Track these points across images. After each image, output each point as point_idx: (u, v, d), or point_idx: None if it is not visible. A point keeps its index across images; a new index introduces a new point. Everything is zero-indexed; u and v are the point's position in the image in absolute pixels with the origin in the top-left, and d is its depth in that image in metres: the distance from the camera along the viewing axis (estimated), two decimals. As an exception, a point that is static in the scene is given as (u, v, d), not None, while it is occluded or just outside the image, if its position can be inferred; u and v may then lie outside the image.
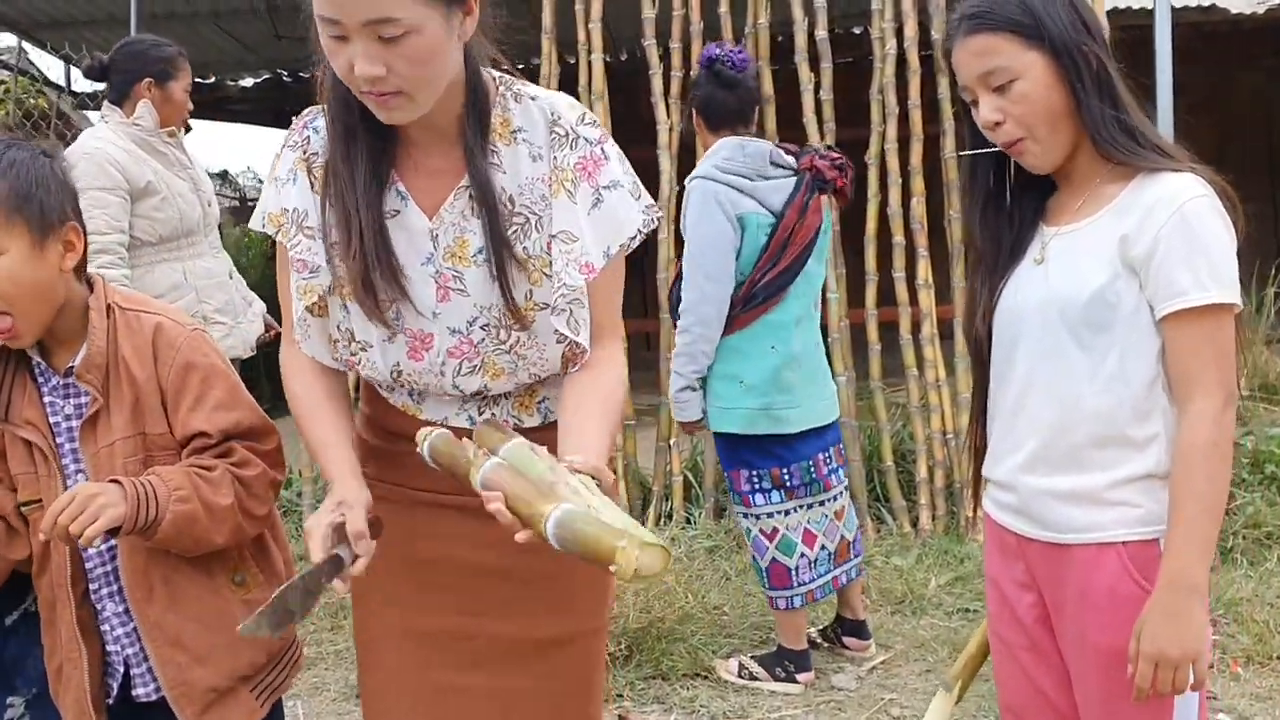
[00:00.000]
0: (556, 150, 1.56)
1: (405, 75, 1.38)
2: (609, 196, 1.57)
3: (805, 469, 3.24)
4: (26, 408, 1.69)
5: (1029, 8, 1.62)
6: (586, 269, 1.54)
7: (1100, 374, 1.62)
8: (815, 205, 3.23)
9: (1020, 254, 1.74)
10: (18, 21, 7.71)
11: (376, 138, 1.51)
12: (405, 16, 1.34)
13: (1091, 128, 1.62)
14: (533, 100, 1.57)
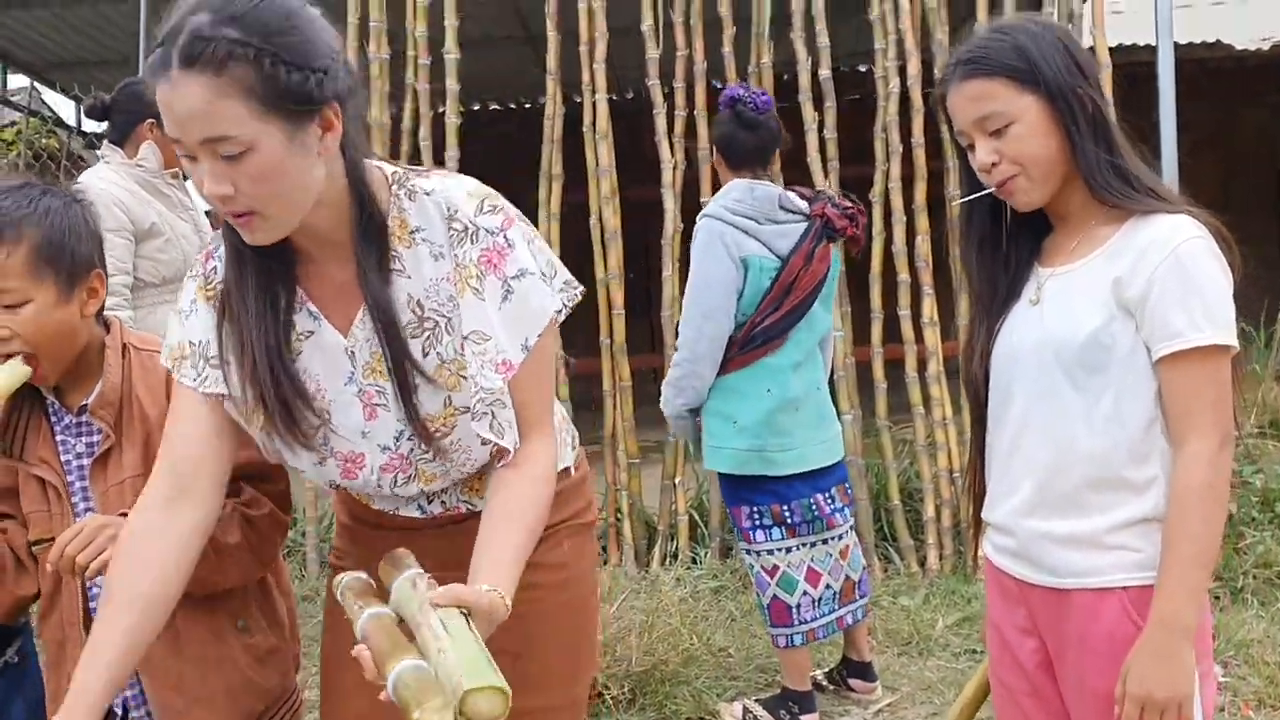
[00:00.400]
0: (457, 247, 1.47)
1: (251, 194, 1.32)
2: (519, 286, 1.48)
3: (806, 506, 3.23)
4: (40, 446, 1.71)
5: (1024, 52, 1.62)
6: (504, 367, 1.47)
7: (1096, 416, 1.61)
8: (823, 253, 3.24)
9: (1016, 295, 1.74)
10: (31, 63, 7.82)
11: (268, 258, 1.45)
12: (240, 134, 1.28)
13: (1086, 171, 1.62)
14: (427, 195, 1.48)
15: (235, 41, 1.26)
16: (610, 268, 4.87)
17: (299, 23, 1.33)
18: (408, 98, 5.00)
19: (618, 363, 4.83)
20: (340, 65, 1.37)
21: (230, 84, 1.27)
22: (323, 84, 1.33)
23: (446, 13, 4.94)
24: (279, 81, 1.29)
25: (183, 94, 1.27)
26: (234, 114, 1.28)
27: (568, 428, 1.76)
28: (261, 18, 1.29)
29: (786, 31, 4.91)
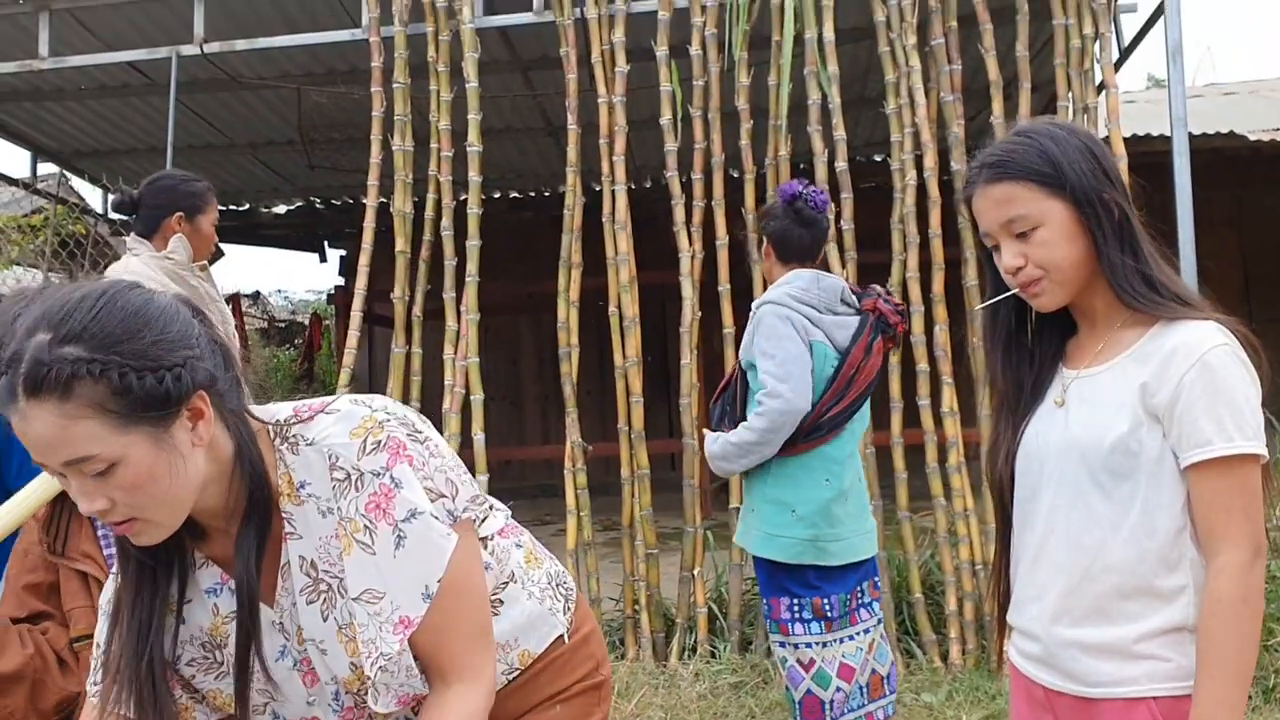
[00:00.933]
0: (341, 498, 1.36)
1: (129, 504, 1.27)
2: (411, 530, 1.35)
3: (843, 600, 3.19)
4: (83, 541, 1.74)
5: (1049, 157, 1.62)
6: (402, 625, 1.35)
7: (1124, 523, 1.58)
8: (878, 347, 3.25)
9: (1041, 395, 1.73)
10: (59, 152, 7.98)
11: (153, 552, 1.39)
12: (102, 451, 1.23)
13: (1112, 277, 1.62)
14: (309, 446, 1.39)
15: (78, 360, 1.20)
16: (628, 355, 4.88)
17: (145, 322, 1.26)
18: (431, 188, 5.08)
19: (636, 450, 4.82)
20: (203, 346, 1.32)
21: (81, 405, 1.21)
22: (180, 379, 1.26)
23: (470, 107, 5.04)
24: (134, 391, 1.22)
25: (34, 424, 1.21)
26: (92, 433, 1.22)
27: (555, 592, 1.68)
28: (103, 328, 1.22)
29: (803, 124, 4.98)
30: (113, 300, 1.25)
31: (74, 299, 1.24)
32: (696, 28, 5.05)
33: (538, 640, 1.63)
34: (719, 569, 4.91)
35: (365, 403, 1.43)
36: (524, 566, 1.64)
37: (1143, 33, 5.73)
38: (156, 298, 1.30)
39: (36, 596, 1.74)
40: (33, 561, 1.75)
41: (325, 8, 5.86)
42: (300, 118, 6.82)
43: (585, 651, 1.70)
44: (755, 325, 3.20)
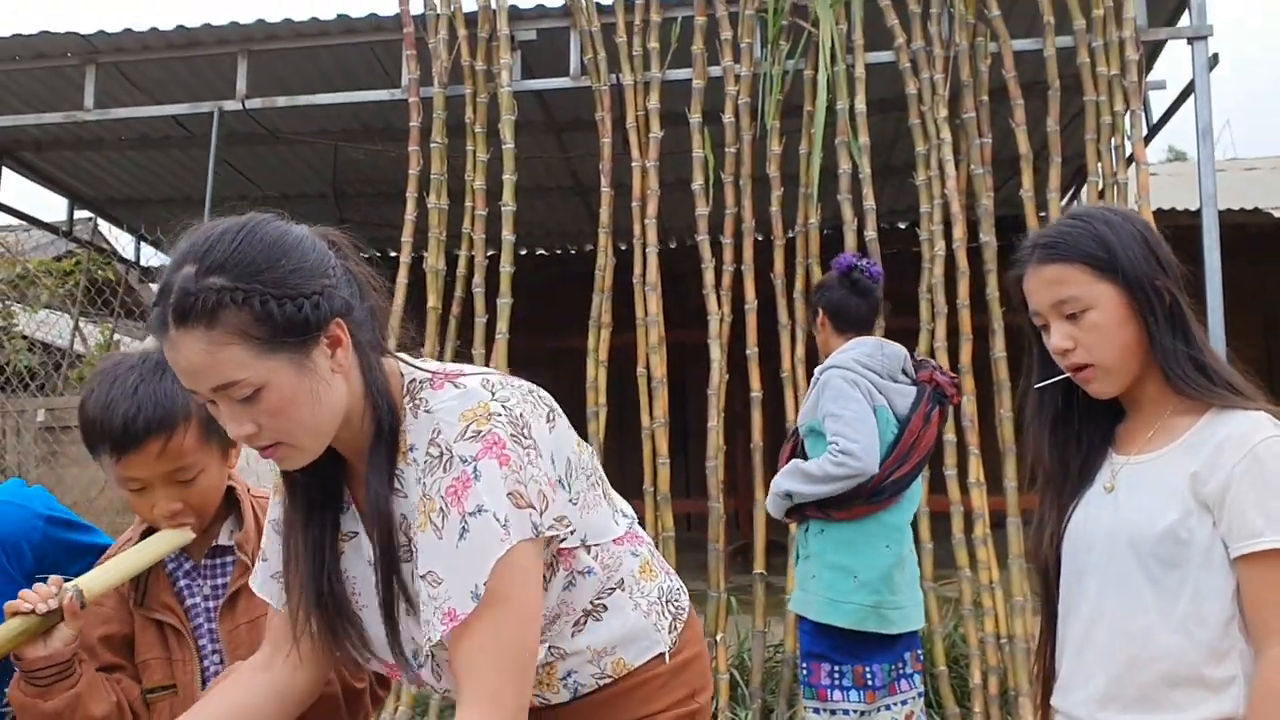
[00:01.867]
0: (428, 474, 1.37)
1: (274, 428, 1.32)
2: (474, 524, 1.33)
3: (887, 670, 3.18)
4: (162, 592, 1.77)
5: (1103, 241, 1.64)
6: (449, 618, 1.33)
7: (1174, 612, 1.58)
8: (935, 417, 3.28)
9: (1089, 479, 1.73)
10: (95, 199, 8.10)
11: (312, 473, 1.45)
12: (247, 376, 1.28)
13: (1164, 363, 1.62)
14: (426, 414, 1.40)
15: (222, 289, 1.26)
16: (656, 415, 4.90)
17: (284, 251, 1.31)
18: (464, 245, 5.14)
19: (661, 512, 4.82)
20: (338, 276, 1.36)
21: (226, 332, 1.26)
22: (319, 306, 1.31)
23: (505, 168, 5.12)
24: (275, 318, 1.28)
25: (184, 352, 1.27)
26: (237, 359, 1.27)
27: (664, 609, 1.62)
28: (245, 258, 1.28)
29: (833, 191, 5.04)
30: (253, 231, 1.31)
31: (216, 232, 1.31)
32: (730, 96, 5.14)
33: (636, 653, 1.58)
34: (740, 635, 4.88)
35: (491, 387, 1.42)
36: (636, 576, 1.59)
37: (1172, 110, 5.80)
38: (293, 228, 1.36)
39: (109, 648, 1.76)
40: (106, 613, 1.76)
41: (363, 67, 5.97)
42: (335, 173, 6.93)
43: (684, 677, 1.63)
44: (820, 389, 3.22)
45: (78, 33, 5.61)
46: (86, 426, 1.70)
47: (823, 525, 3.22)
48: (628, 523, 1.63)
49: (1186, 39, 5.04)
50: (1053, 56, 4.98)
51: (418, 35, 5.35)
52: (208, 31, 5.59)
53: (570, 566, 1.50)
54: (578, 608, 1.52)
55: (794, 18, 5.12)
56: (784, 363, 4.93)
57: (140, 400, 1.65)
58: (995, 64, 5.01)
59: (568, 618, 1.51)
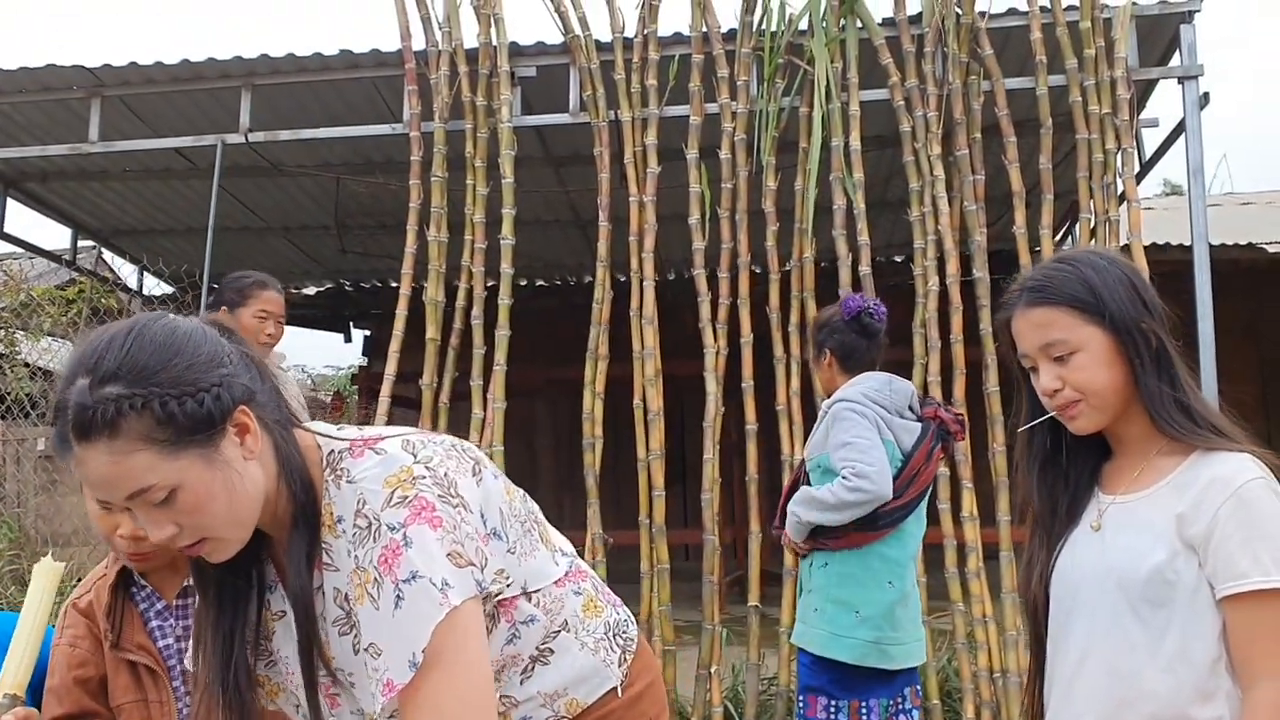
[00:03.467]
0: (359, 546, 1.35)
1: (195, 525, 1.31)
2: (409, 592, 1.31)
3: (884, 706, 3.19)
4: (136, 633, 1.76)
5: (1090, 285, 1.67)
6: (387, 688, 1.31)
7: (1161, 652, 1.60)
8: (938, 455, 3.32)
9: (1076, 518, 1.75)
10: (99, 230, 8.17)
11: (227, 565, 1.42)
12: (159, 480, 1.27)
13: (1149, 404, 1.65)
14: (350, 484, 1.39)
15: (119, 398, 1.24)
16: (652, 448, 4.93)
17: (176, 349, 1.29)
18: (463, 277, 5.20)
19: (656, 544, 4.83)
20: (235, 363, 1.35)
21: (130, 440, 1.25)
22: (220, 398, 1.30)
23: (505, 202, 5.18)
24: (177, 418, 1.26)
25: (91, 466, 1.26)
26: (145, 465, 1.26)
27: (612, 642, 1.64)
28: (137, 362, 1.26)
29: (827, 226, 5.09)
30: (141, 334, 1.29)
31: (104, 341, 1.29)
32: (726, 133, 5.20)
33: (587, 691, 1.59)
34: (735, 668, 4.89)
35: (413, 449, 1.42)
36: (580, 615, 1.60)
37: (1164, 148, 5.87)
38: (182, 324, 1.33)
39: (86, 691, 1.74)
40: (81, 655, 1.75)
41: (364, 101, 6.05)
42: (337, 205, 6.99)
43: (640, 707, 1.65)
44: (829, 422, 3.24)
45: (84, 66, 5.68)
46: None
47: (825, 559, 3.24)
48: (568, 561, 1.63)
49: (1177, 79, 5.11)
50: (1045, 95, 5.06)
51: (419, 71, 5.42)
52: (211, 66, 5.66)
53: (512, 618, 1.50)
54: (524, 655, 1.53)
55: (790, 56, 5.19)
56: (779, 396, 4.97)
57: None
58: (988, 102, 5.08)
59: (515, 667, 1.52)
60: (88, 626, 1.78)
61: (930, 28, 5.09)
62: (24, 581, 5.52)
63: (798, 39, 5.21)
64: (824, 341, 3.45)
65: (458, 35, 5.39)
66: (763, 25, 5.23)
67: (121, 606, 1.78)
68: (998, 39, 5.19)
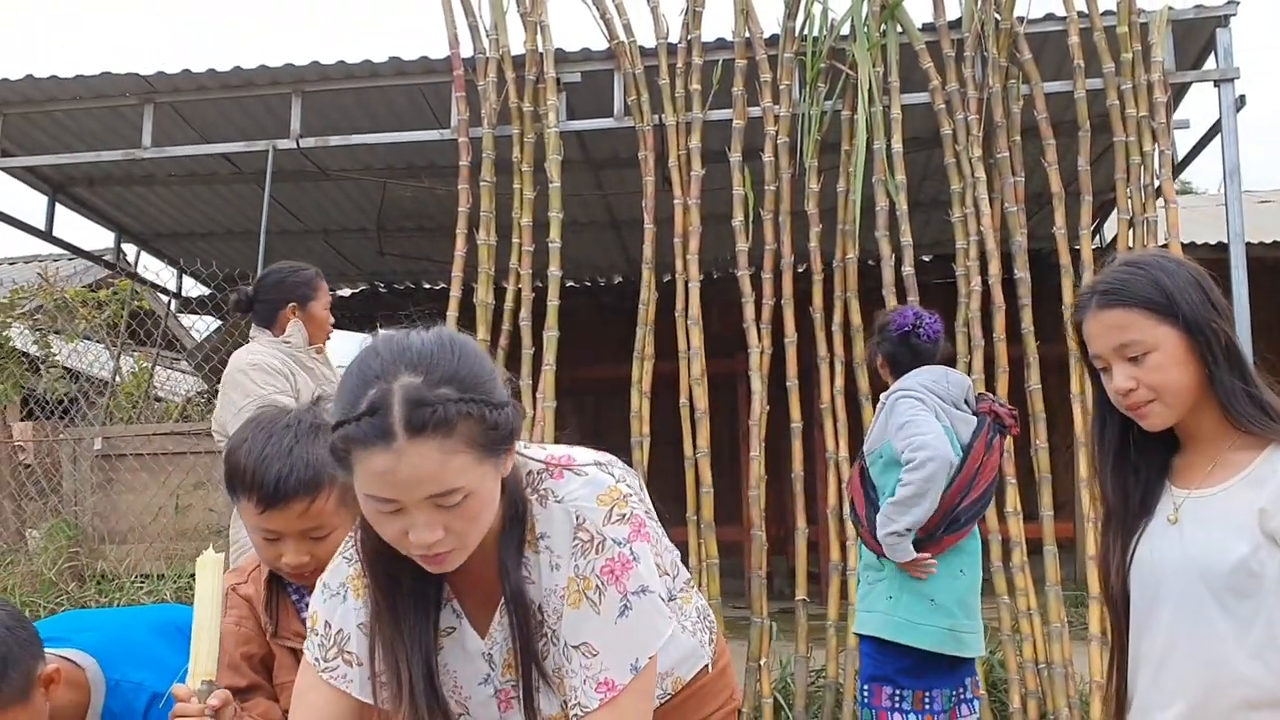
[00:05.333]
0: (579, 557, 1.45)
1: (460, 531, 1.37)
2: (638, 603, 1.44)
3: (948, 697, 3.28)
4: (292, 621, 1.89)
5: (1162, 287, 1.75)
6: (605, 686, 1.42)
7: (1249, 640, 1.67)
8: (998, 444, 3.42)
9: (1149, 510, 1.82)
10: (141, 233, 8.29)
11: (423, 582, 1.50)
12: (466, 483, 1.33)
13: (1226, 400, 1.73)
14: (558, 504, 1.49)
15: (459, 400, 1.30)
16: (699, 445, 5.03)
17: (487, 365, 1.39)
18: (511, 280, 5.31)
19: (705, 539, 4.94)
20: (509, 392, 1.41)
21: (459, 441, 1.31)
22: (513, 416, 1.38)
23: (551, 205, 5.29)
24: (497, 427, 1.34)
25: (413, 460, 1.29)
26: (462, 467, 1.32)
27: (700, 625, 1.77)
28: (467, 372, 1.34)
29: (870, 227, 5.19)
30: (463, 346, 1.38)
31: (429, 346, 1.35)
32: (769, 135, 5.30)
33: (688, 669, 1.72)
34: (783, 660, 5.00)
35: (608, 468, 1.53)
36: (679, 603, 1.71)
37: (1197, 149, 5.95)
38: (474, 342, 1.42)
39: (250, 666, 1.88)
40: (246, 634, 1.89)
41: (408, 106, 6.16)
42: (381, 208, 7.10)
43: (724, 681, 1.82)
44: (887, 413, 3.35)
45: (138, 74, 5.81)
46: (235, 473, 1.77)
47: None
48: (675, 554, 1.75)
49: (1213, 81, 5.21)
50: (1083, 98, 5.15)
51: (467, 78, 5.54)
52: (263, 73, 5.79)
53: None
54: None
55: (832, 60, 5.29)
56: (823, 394, 5.07)
57: (294, 461, 1.74)
58: (1027, 105, 5.18)
59: None
60: (249, 609, 1.91)
61: (970, 32, 5.19)
62: (83, 577, 5.65)
63: (839, 44, 5.31)
64: (878, 345, 3.58)
65: (505, 42, 5.50)
66: (805, 30, 5.34)
67: (277, 599, 1.91)
68: (1036, 43, 5.29)
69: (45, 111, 6.17)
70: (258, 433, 1.79)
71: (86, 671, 1.81)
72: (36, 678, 1.68)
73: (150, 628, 1.99)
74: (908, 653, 3.25)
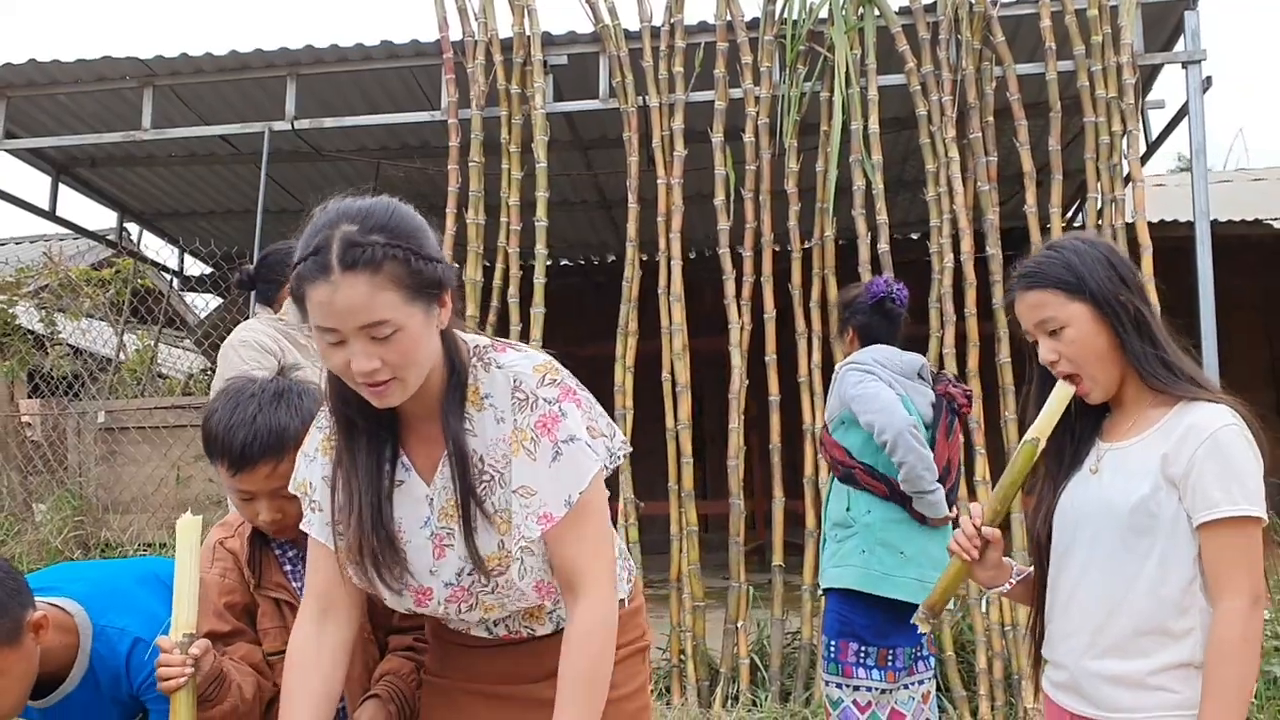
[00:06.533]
0: (517, 413, 1.70)
1: (395, 365, 1.59)
2: (567, 450, 1.69)
3: (909, 654, 3.43)
4: (274, 574, 2.07)
5: (1072, 268, 1.96)
6: (545, 519, 1.68)
7: (1143, 574, 1.88)
8: (958, 429, 3.56)
9: (1078, 464, 2.03)
10: (143, 213, 8.46)
11: (375, 424, 1.73)
12: (393, 318, 1.55)
13: (1135, 363, 1.94)
14: (499, 369, 1.72)
15: (386, 245, 1.55)
16: (680, 418, 5.21)
17: (422, 227, 1.64)
18: (499, 258, 5.47)
19: (685, 508, 5.13)
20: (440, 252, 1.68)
21: (386, 279, 1.54)
22: (445, 273, 1.64)
23: (539, 185, 5.45)
24: (422, 274, 1.58)
25: (345, 292, 1.53)
26: (390, 303, 1.55)
27: (623, 565, 1.94)
28: (399, 225, 1.59)
29: (847, 206, 5.35)
30: (398, 208, 1.63)
31: (366, 204, 1.61)
32: (750, 116, 5.46)
33: None
34: (760, 624, 5.19)
35: (541, 353, 1.80)
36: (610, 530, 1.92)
37: (1169, 129, 6.09)
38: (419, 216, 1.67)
39: (233, 614, 2.05)
40: (230, 584, 2.06)
41: (401, 88, 6.32)
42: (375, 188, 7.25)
43: (637, 619, 1.99)
44: (838, 383, 3.49)
45: (137, 57, 5.97)
46: (208, 440, 1.97)
47: (869, 505, 3.45)
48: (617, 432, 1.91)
49: (1181, 63, 5.35)
50: (1054, 80, 5.29)
51: (456, 60, 5.69)
52: (258, 56, 5.94)
53: None
54: None
55: (811, 43, 5.44)
56: (800, 368, 5.24)
57: (258, 428, 1.92)
58: (1000, 87, 5.33)
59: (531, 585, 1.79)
60: (234, 562, 2.07)
61: (945, 16, 5.33)
62: (87, 546, 5.85)
63: (818, 27, 5.45)
64: (848, 320, 3.69)
65: (493, 25, 5.66)
66: (784, 14, 5.49)
67: (260, 554, 2.08)
68: (1009, 26, 5.43)
69: (48, 94, 6.33)
70: (226, 403, 1.97)
71: (75, 617, 1.97)
72: (26, 624, 1.83)
73: (134, 578, 2.15)
74: (876, 604, 3.40)
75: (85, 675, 1.96)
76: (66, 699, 1.96)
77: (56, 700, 1.96)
